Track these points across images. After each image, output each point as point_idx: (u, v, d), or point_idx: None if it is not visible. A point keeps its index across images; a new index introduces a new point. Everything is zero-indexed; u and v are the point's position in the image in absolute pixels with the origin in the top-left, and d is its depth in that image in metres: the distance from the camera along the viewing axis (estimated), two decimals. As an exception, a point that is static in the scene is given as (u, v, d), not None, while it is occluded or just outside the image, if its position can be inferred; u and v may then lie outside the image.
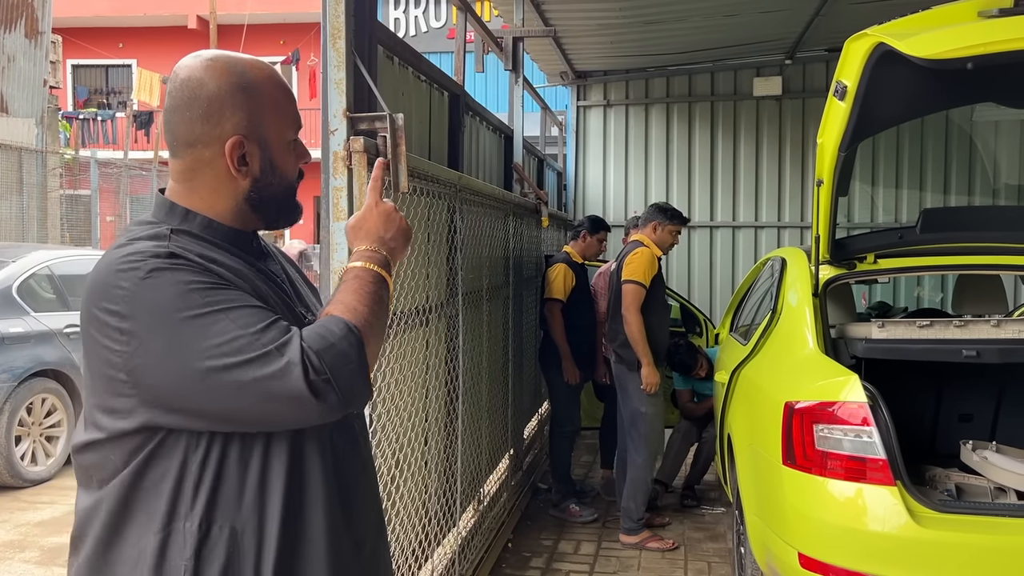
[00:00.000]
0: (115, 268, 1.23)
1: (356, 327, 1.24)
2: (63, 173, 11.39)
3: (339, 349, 1.21)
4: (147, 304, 1.18)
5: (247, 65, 1.36)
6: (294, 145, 1.41)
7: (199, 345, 1.17)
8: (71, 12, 20.52)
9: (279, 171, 1.39)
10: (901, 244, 3.71)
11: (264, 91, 1.36)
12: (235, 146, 1.32)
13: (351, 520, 1.39)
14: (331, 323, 1.24)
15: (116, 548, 1.26)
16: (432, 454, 3.57)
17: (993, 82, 3.02)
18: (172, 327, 1.17)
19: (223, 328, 1.17)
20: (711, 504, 5.30)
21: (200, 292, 1.19)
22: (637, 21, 6.65)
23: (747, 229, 8.57)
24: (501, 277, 5.02)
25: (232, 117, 1.32)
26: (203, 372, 1.16)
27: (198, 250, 1.29)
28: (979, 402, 3.88)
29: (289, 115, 1.40)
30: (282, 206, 1.43)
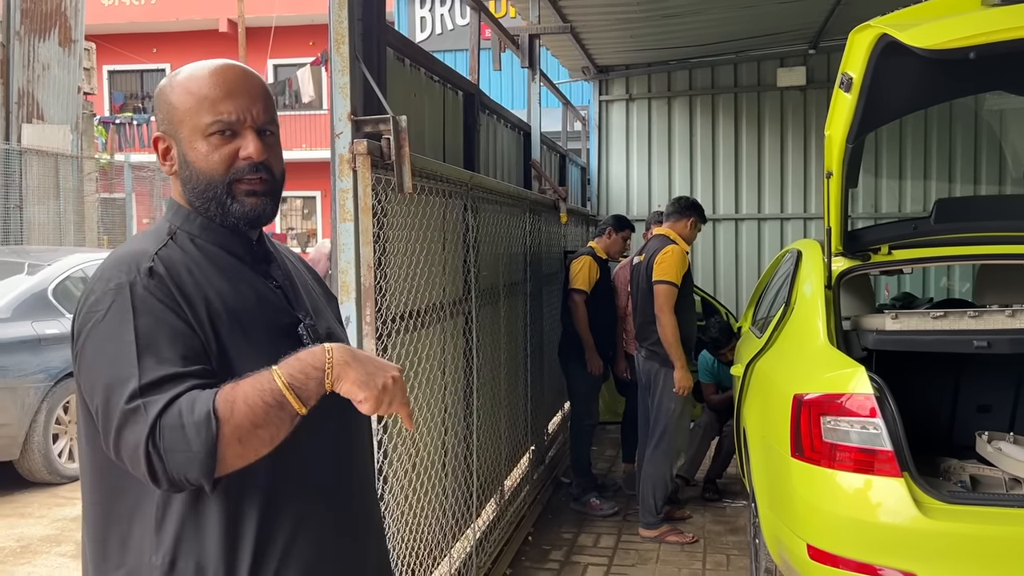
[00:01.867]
0: (101, 272, 1.34)
1: (218, 422, 1.20)
2: (99, 177, 11.65)
3: (185, 434, 1.19)
4: (99, 316, 1.28)
5: (185, 68, 1.43)
6: (219, 139, 1.37)
7: (109, 373, 1.24)
8: (106, 19, 20.95)
9: (191, 165, 1.38)
10: (915, 235, 3.69)
11: (184, 86, 1.39)
12: (154, 144, 1.44)
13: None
14: (202, 404, 1.20)
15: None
16: (448, 448, 3.63)
17: (1001, 70, 2.99)
18: (101, 345, 1.27)
19: (127, 369, 1.23)
20: (732, 497, 5.30)
21: (133, 325, 1.25)
22: (655, 15, 6.64)
23: (773, 221, 8.51)
24: (519, 274, 5.06)
25: (158, 116, 1.44)
26: (102, 397, 1.24)
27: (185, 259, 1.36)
28: (998, 393, 3.84)
29: (205, 105, 1.37)
30: (215, 202, 1.39)
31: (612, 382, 5.89)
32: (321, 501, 1.42)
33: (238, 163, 1.38)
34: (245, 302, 1.38)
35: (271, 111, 1.43)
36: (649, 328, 4.66)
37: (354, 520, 1.50)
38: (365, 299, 2.61)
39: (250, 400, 1.21)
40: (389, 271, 2.94)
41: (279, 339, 1.41)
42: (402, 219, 3.04)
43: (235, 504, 1.33)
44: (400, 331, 3.06)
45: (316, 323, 1.50)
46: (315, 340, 1.44)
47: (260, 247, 1.50)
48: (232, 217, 1.40)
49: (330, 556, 1.43)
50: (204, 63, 1.42)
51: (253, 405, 1.21)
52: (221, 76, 1.38)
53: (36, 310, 6.13)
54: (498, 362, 4.52)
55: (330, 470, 1.45)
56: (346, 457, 1.50)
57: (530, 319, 5.27)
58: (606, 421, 6.23)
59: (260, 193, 1.40)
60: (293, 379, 1.24)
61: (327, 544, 1.42)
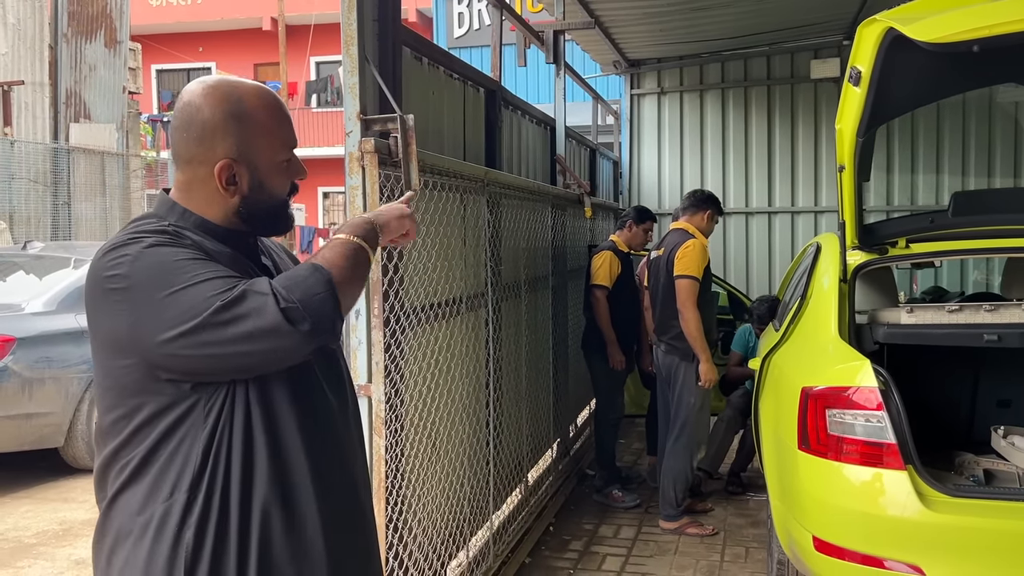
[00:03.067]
0: (120, 241, 1.41)
1: (325, 269, 1.37)
2: (144, 174, 11.99)
3: (307, 284, 1.35)
4: (147, 269, 1.35)
5: (243, 92, 1.49)
6: (287, 165, 1.53)
7: (186, 305, 1.31)
8: (154, 19, 21.47)
9: (267, 190, 1.51)
10: (933, 228, 3.67)
11: (256, 119, 1.48)
12: (223, 169, 1.46)
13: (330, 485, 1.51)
14: (299, 268, 1.39)
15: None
16: (466, 440, 3.71)
17: (1010, 62, 2.97)
18: (167, 291, 1.32)
19: (205, 288, 1.32)
20: (756, 491, 5.30)
21: (190, 262, 1.35)
22: (684, 8, 6.63)
23: (807, 214, 8.43)
24: (543, 268, 5.12)
25: (223, 143, 1.46)
26: (190, 328, 1.30)
27: (195, 238, 1.45)
28: (1019, 387, 3.80)
29: (280, 138, 1.51)
30: (269, 220, 1.55)
31: (637, 375, 5.92)
32: (312, 495, 1.47)
33: (292, 185, 1.56)
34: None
35: None
36: (669, 322, 4.68)
37: (344, 516, 1.55)
38: (373, 292, 2.69)
39: (337, 252, 1.42)
40: (410, 264, 3.03)
41: None
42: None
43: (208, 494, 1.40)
44: (421, 322, 3.15)
45: None
46: None
47: (253, 243, 1.59)
48: (283, 229, 1.58)
49: (313, 551, 1.47)
50: (259, 90, 1.51)
51: (343, 255, 1.42)
52: (280, 109, 1.53)
53: (80, 304, 6.30)
54: (520, 355, 4.58)
55: (323, 466, 1.50)
56: (339, 451, 1.55)
57: (555, 313, 5.33)
58: (632, 414, 6.26)
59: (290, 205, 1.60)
60: (356, 230, 1.47)
61: (311, 538, 1.47)
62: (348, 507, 1.57)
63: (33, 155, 9.65)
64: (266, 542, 1.42)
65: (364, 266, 1.46)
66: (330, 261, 1.40)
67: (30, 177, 9.44)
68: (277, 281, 1.35)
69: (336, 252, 1.42)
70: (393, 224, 1.58)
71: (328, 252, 1.42)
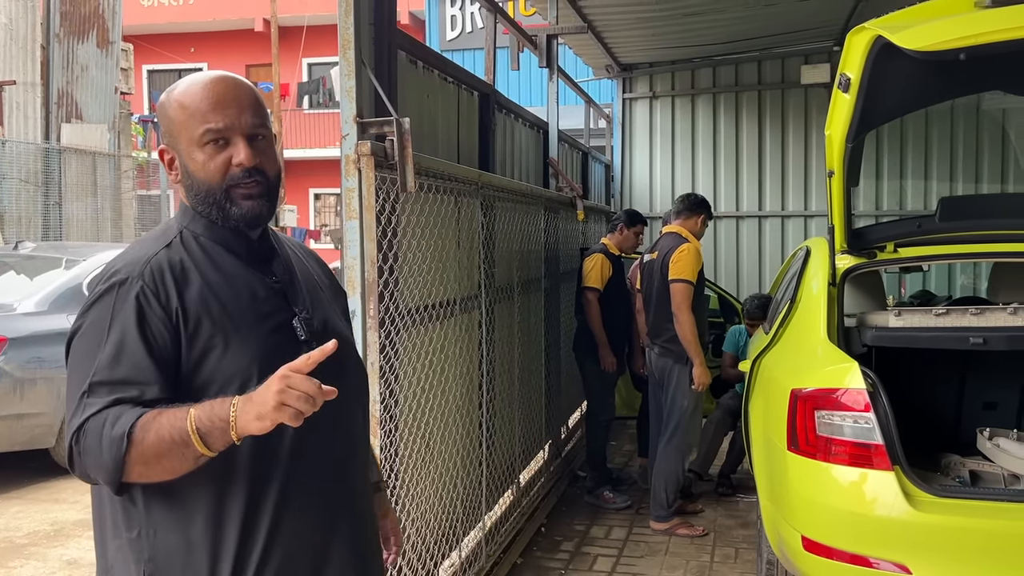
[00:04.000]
0: (106, 268, 1.50)
1: (129, 444, 1.31)
2: (135, 175, 11.97)
3: (100, 444, 1.33)
4: (88, 307, 1.45)
5: (181, 82, 1.54)
6: (212, 147, 1.47)
7: (76, 364, 1.42)
8: (146, 20, 21.42)
9: (192, 174, 1.49)
10: (921, 233, 3.72)
11: (180, 100, 1.50)
12: (160, 153, 1.56)
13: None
14: (123, 424, 1.33)
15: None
16: (459, 440, 3.74)
17: (996, 71, 3.02)
18: (81, 337, 1.44)
19: (88, 366, 1.39)
20: (746, 492, 5.34)
21: (102, 334, 1.40)
22: (676, 14, 6.68)
23: (796, 218, 8.50)
24: (535, 271, 5.15)
25: (160, 131, 1.58)
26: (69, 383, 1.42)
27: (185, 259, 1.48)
28: (1004, 390, 3.85)
29: (198, 114, 1.47)
30: (216, 206, 1.49)
31: (629, 377, 5.96)
32: (304, 494, 1.50)
33: (232, 170, 1.48)
34: (238, 299, 1.49)
35: (261, 115, 1.53)
36: (663, 325, 4.72)
37: (341, 509, 1.57)
38: (369, 294, 2.72)
39: (162, 432, 1.32)
40: (404, 266, 3.06)
41: (271, 332, 1.50)
42: (414, 217, 3.15)
43: (219, 493, 1.43)
44: (415, 323, 3.17)
45: (312, 316, 1.58)
46: (309, 333, 1.54)
47: (263, 244, 1.59)
48: (232, 220, 1.50)
49: (310, 549, 1.51)
50: (198, 76, 1.53)
51: (162, 438, 1.32)
52: (211, 89, 1.49)
53: (71, 304, 6.34)
54: (512, 357, 4.61)
55: (322, 461, 1.53)
56: (326, 448, 1.56)
57: (548, 316, 5.36)
58: (623, 416, 6.29)
59: (256, 196, 1.50)
60: (201, 424, 1.32)
61: (308, 536, 1.51)
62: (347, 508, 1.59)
63: (24, 155, 9.64)
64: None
65: (178, 458, 1.34)
66: (146, 438, 1.32)
67: (21, 177, 9.44)
68: (94, 421, 1.34)
69: (162, 431, 1.32)
70: (258, 413, 1.30)
71: (160, 423, 1.33)
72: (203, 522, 1.42)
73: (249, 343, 1.46)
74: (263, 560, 1.44)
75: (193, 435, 1.32)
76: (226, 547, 1.42)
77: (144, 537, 1.43)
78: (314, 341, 1.52)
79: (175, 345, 1.41)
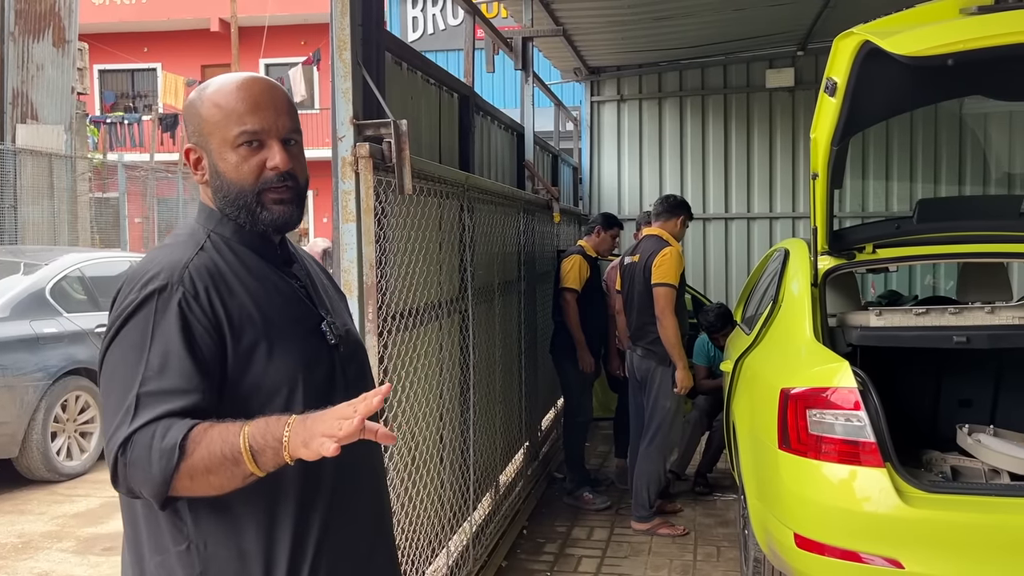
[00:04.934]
0: (137, 272, 1.43)
1: (181, 456, 1.27)
2: (92, 177, 11.69)
3: (150, 456, 1.28)
4: (125, 318, 1.38)
5: (212, 82, 1.51)
6: (245, 148, 1.44)
7: (120, 374, 1.35)
8: (97, 19, 20.94)
9: (222, 175, 1.46)
10: (899, 234, 3.80)
11: (212, 99, 1.46)
12: (186, 155, 1.52)
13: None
14: (173, 435, 1.28)
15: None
16: (445, 443, 3.72)
17: (980, 76, 3.10)
18: (121, 349, 1.37)
19: (134, 377, 1.33)
20: (722, 491, 5.41)
21: (144, 344, 1.35)
22: (647, 18, 6.74)
23: (762, 220, 8.63)
24: (514, 273, 5.15)
25: (188, 129, 1.52)
26: (111, 395, 1.36)
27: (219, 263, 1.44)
28: (979, 388, 3.96)
29: (234, 114, 1.43)
30: (245, 209, 1.46)
31: (605, 379, 5.99)
32: (346, 501, 1.50)
33: (266, 173, 1.45)
34: (274, 302, 1.47)
35: (295, 120, 1.50)
36: (646, 327, 4.75)
37: (373, 519, 1.59)
38: (367, 297, 2.69)
39: (213, 448, 1.27)
40: (388, 270, 3.03)
41: (306, 336, 1.50)
42: (401, 219, 3.13)
43: (270, 503, 1.41)
44: (400, 328, 3.15)
45: (334, 320, 1.58)
46: (336, 337, 1.54)
47: (283, 250, 1.58)
48: (261, 224, 1.48)
49: (355, 548, 1.52)
50: (231, 77, 1.50)
51: (213, 453, 1.27)
52: (247, 90, 1.46)
53: (34, 309, 6.19)
54: (493, 359, 4.61)
55: (358, 464, 1.53)
56: (366, 457, 1.57)
57: (524, 317, 5.36)
58: (599, 417, 6.33)
59: (287, 201, 1.47)
60: (255, 442, 1.27)
61: (351, 542, 1.51)
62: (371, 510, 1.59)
63: (-23, 157, 9.36)
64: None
65: (228, 475, 1.29)
66: (197, 451, 1.27)
67: (-26, 180, 9.16)
68: (143, 433, 1.29)
69: (213, 446, 1.28)
70: (303, 450, 1.26)
71: (212, 437, 1.28)
72: (255, 531, 1.40)
73: (292, 348, 1.44)
74: (315, 565, 1.44)
75: (245, 453, 1.27)
76: (279, 555, 1.41)
77: (195, 550, 1.39)
78: (341, 346, 1.56)
79: (220, 353, 1.37)
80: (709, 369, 5.53)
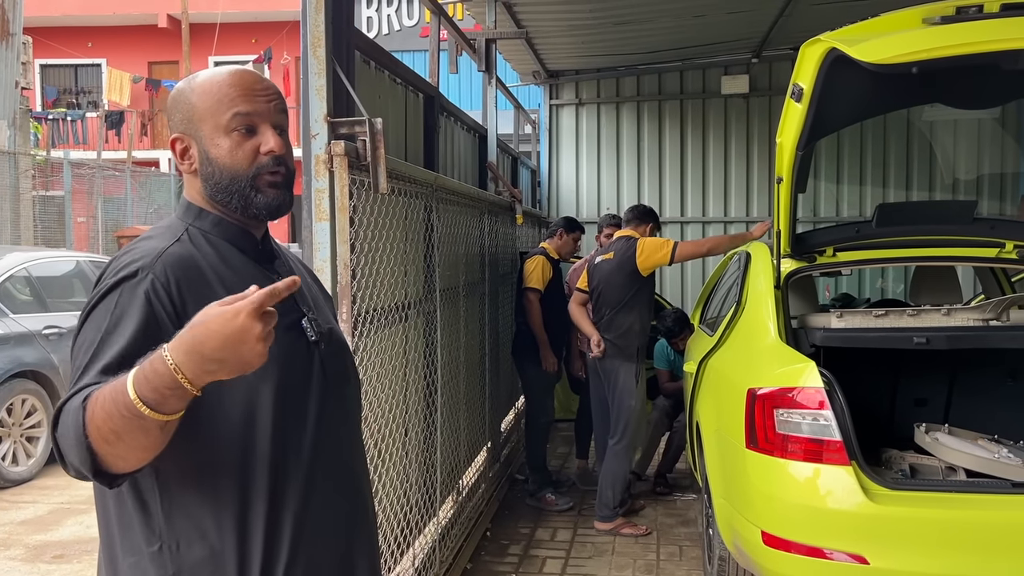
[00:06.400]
0: (115, 261, 1.42)
1: (84, 415, 1.17)
2: (35, 175, 11.35)
3: (67, 421, 1.20)
4: (94, 302, 1.36)
5: (201, 73, 1.50)
6: (237, 134, 1.43)
7: (76, 356, 1.32)
8: (39, 11, 20.32)
9: (215, 161, 1.44)
10: (858, 238, 3.90)
11: (204, 87, 1.45)
12: (172, 144, 1.49)
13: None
14: (80, 397, 1.20)
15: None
16: (412, 445, 3.70)
17: (938, 85, 3.19)
18: (83, 331, 1.34)
19: (83, 358, 1.29)
20: (682, 491, 5.47)
21: (101, 326, 1.31)
22: (607, 22, 6.79)
23: (717, 224, 8.75)
24: (477, 274, 5.15)
25: (174, 119, 1.48)
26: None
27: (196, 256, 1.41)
28: (933, 387, 4.07)
29: (226, 100, 1.43)
30: (238, 196, 1.44)
31: (566, 380, 6.02)
32: (321, 499, 1.47)
33: (260, 158, 1.45)
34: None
35: (285, 111, 1.50)
36: (615, 321, 4.80)
37: (349, 519, 1.56)
38: (341, 297, 2.66)
39: (107, 407, 1.16)
40: (359, 269, 3.00)
41: (284, 332, 1.46)
42: (369, 219, 3.10)
43: (240, 501, 1.38)
44: (371, 330, 3.12)
45: (317, 317, 1.56)
46: (318, 334, 1.51)
47: (265, 245, 1.56)
48: (255, 208, 1.46)
49: (331, 548, 1.49)
50: (219, 69, 1.49)
51: (109, 413, 1.16)
52: (239, 77, 1.46)
53: (-22, 309, 5.99)
54: (458, 360, 4.60)
55: (334, 464, 1.51)
56: (337, 455, 1.55)
57: (488, 318, 5.36)
58: (560, 419, 6.35)
59: (280, 185, 1.47)
60: (141, 391, 1.14)
61: (329, 542, 1.48)
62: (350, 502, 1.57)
63: (-85, 152, 9.01)
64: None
65: (141, 431, 1.16)
66: (95, 412, 1.17)
67: (-89, 176, 8.81)
68: (68, 405, 1.22)
69: (107, 406, 1.16)
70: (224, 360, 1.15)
71: (103, 395, 1.17)
72: (226, 529, 1.37)
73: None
74: (290, 564, 1.41)
75: (137, 402, 1.13)
76: (253, 552, 1.38)
77: (167, 551, 1.35)
78: (323, 343, 1.54)
79: None
80: (671, 373, 5.59)
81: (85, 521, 5.16)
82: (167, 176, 16.34)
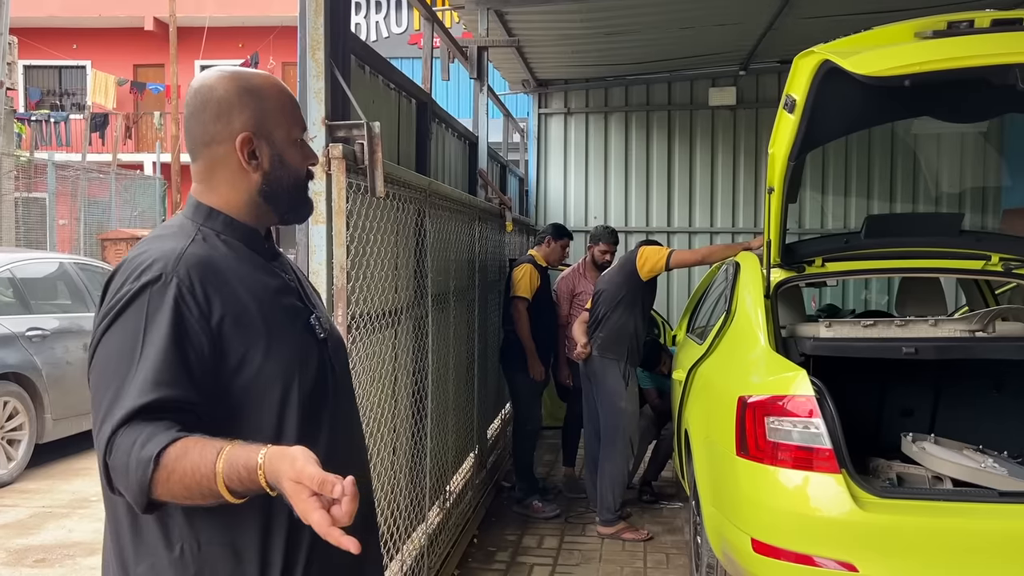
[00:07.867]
0: (129, 264, 1.39)
1: (155, 469, 1.22)
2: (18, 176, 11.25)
3: (128, 464, 1.24)
4: (118, 311, 1.34)
5: (253, 74, 1.53)
6: (301, 144, 1.54)
7: (110, 371, 1.31)
8: (23, 12, 20.15)
9: (288, 164, 1.51)
10: (847, 248, 3.93)
11: (269, 93, 1.50)
12: (244, 142, 1.47)
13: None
14: (151, 447, 1.23)
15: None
16: (402, 451, 3.69)
17: (928, 98, 3.24)
18: (112, 344, 1.33)
19: (124, 373, 1.29)
20: (669, 499, 5.48)
21: (137, 340, 1.31)
22: (597, 32, 6.84)
23: (703, 234, 8.81)
24: (467, 280, 5.15)
25: (240, 116, 1.47)
26: (99, 392, 1.31)
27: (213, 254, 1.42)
28: (919, 397, 4.11)
29: (294, 116, 1.53)
30: (293, 199, 1.54)
31: (553, 388, 6.02)
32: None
33: (308, 169, 1.58)
34: (268, 294, 1.46)
35: None
36: (608, 319, 4.86)
37: (362, 517, 1.57)
38: (338, 300, 2.66)
39: (187, 482, 1.22)
40: (355, 273, 3.00)
41: (300, 330, 1.49)
42: (364, 222, 3.10)
43: (266, 500, 1.35)
44: (365, 333, 3.11)
45: (320, 315, 1.58)
46: (324, 331, 1.54)
47: (269, 244, 1.58)
48: (300, 214, 1.59)
49: (345, 553, 1.49)
50: (266, 74, 1.56)
51: (190, 488, 1.22)
52: (287, 89, 1.55)
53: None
54: (448, 366, 4.59)
55: (345, 461, 1.51)
56: (355, 456, 1.59)
57: (477, 324, 5.36)
58: (547, 426, 6.36)
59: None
60: (229, 479, 1.21)
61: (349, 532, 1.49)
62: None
63: None
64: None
65: (203, 498, 1.25)
66: (172, 473, 1.22)
67: None
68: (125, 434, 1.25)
69: (187, 474, 1.22)
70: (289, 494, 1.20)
71: (190, 461, 1.22)
72: (251, 528, 1.37)
73: (287, 343, 1.43)
74: (308, 563, 1.42)
75: (226, 493, 1.22)
76: (274, 553, 1.38)
77: (187, 552, 1.35)
78: (328, 340, 1.57)
79: (214, 348, 1.34)
80: (659, 390, 5.60)
81: (67, 525, 5.11)
82: (152, 179, 16.23)
